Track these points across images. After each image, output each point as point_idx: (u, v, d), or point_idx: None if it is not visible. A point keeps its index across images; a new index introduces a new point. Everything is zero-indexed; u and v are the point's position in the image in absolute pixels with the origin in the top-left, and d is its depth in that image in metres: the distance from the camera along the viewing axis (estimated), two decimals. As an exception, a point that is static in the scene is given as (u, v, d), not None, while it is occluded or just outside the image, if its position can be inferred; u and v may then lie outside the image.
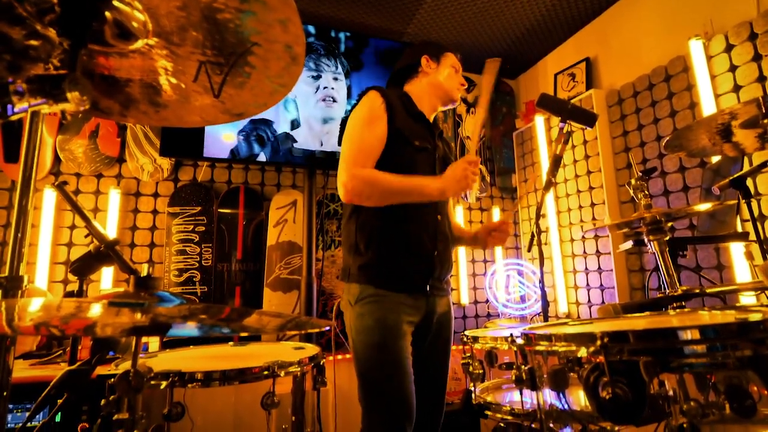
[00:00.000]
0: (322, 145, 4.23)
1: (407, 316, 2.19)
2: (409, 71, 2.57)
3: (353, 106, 2.35)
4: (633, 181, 2.34)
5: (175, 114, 1.26)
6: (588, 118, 2.23)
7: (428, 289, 2.27)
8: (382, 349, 2.10)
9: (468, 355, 2.66)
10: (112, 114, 1.25)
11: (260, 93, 1.21)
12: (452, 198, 2.52)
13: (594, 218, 4.29)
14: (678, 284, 2.17)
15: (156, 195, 4.22)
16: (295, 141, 4.13)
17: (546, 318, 2.13)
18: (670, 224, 2.21)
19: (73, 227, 3.91)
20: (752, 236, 2.33)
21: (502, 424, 2.37)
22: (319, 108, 4.26)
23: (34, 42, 0.91)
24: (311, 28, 4.38)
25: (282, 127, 4.12)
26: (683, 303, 1.94)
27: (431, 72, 2.52)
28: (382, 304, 2.16)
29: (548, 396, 1.24)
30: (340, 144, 2.37)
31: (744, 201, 2.21)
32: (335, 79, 4.38)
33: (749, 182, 2.24)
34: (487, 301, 5.16)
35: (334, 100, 4.33)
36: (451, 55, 2.57)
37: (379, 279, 2.20)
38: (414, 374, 2.14)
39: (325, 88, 4.31)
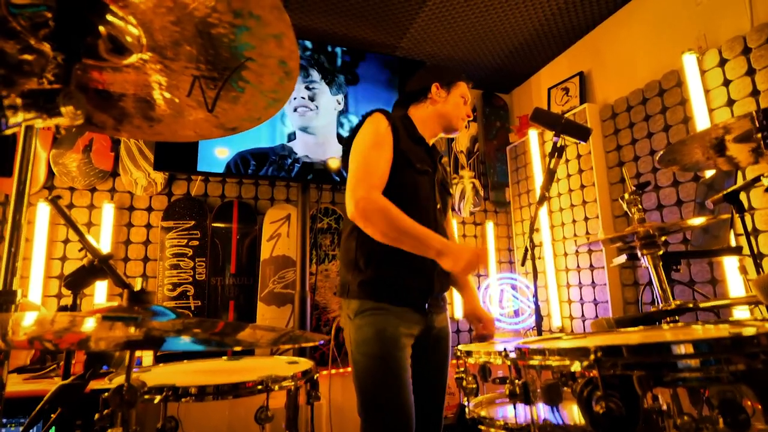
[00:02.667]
0: (316, 159, 4.25)
1: (406, 329, 2.17)
2: (417, 95, 2.53)
3: (357, 126, 2.32)
4: (626, 196, 2.35)
5: (169, 128, 1.27)
6: (582, 133, 2.23)
7: (427, 306, 2.26)
8: (382, 360, 2.09)
9: (461, 369, 2.65)
10: (106, 128, 1.25)
11: (254, 107, 1.22)
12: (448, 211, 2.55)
13: (588, 232, 4.29)
14: (671, 298, 2.17)
15: (150, 209, 4.22)
16: (290, 155, 4.14)
17: (539, 332, 2.13)
18: (663, 238, 2.22)
19: (66, 241, 3.90)
20: (746, 251, 2.33)
21: (496, 439, 2.36)
22: (295, 118, 4.30)
23: (28, 56, 0.91)
24: (308, 44, 4.42)
25: (277, 140, 4.14)
26: (677, 317, 1.94)
27: (440, 101, 2.47)
28: (381, 316, 2.14)
29: (542, 410, 1.23)
30: (343, 165, 2.32)
31: (737, 215, 2.22)
32: (307, 87, 4.39)
33: (743, 196, 2.24)
34: (482, 315, 5.14)
35: (310, 109, 4.36)
36: (462, 85, 2.52)
37: (378, 294, 2.18)
38: (412, 389, 2.13)
39: (295, 98, 4.33)
